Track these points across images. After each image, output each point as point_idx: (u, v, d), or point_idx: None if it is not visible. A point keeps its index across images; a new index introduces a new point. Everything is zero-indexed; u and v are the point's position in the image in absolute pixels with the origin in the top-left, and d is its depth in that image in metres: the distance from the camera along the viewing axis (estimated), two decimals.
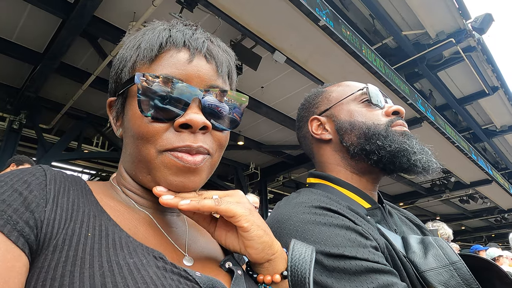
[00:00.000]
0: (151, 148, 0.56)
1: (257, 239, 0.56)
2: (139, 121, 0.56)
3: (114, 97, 0.64)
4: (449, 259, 0.74)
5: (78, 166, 9.36)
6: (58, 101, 6.42)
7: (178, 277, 0.49)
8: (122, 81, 0.61)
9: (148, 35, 0.61)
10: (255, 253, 0.57)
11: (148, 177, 0.58)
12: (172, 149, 0.55)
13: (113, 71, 0.65)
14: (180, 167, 0.55)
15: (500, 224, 14.74)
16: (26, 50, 5.20)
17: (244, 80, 5.61)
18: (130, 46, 0.62)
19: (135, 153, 0.58)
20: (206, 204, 0.54)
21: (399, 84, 5.72)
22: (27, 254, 0.43)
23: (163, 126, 0.56)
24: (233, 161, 9.47)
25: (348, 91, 0.98)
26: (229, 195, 0.59)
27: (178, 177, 0.56)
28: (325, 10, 4.29)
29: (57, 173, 0.54)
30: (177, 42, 0.59)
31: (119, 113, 0.63)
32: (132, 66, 0.60)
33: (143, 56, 0.59)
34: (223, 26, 4.58)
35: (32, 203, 0.46)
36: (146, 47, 0.59)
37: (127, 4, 4.46)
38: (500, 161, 12.23)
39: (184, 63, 0.58)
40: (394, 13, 6.72)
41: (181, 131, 0.56)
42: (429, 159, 0.86)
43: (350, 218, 0.77)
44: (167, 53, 0.59)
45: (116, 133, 0.65)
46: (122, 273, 0.44)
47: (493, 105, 9.17)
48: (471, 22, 6.81)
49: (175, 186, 0.56)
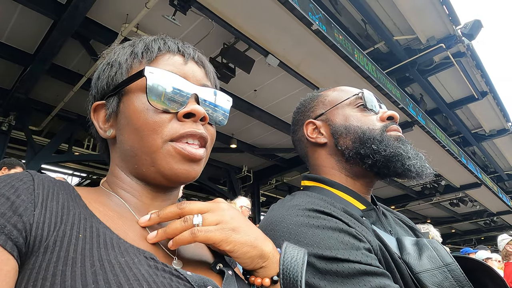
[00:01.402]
0: (157, 138, 0.58)
1: (243, 256, 0.57)
2: (145, 113, 0.59)
3: (101, 100, 0.66)
4: (443, 260, 0.75)
5: (68, 168, 9.24)
6: (49, 102, 6.34)
7: (170, 275, 0.50)
8: (117, 81, 0.63)
9: (140, 43, 0.66)
10: (245, 265, 0.58)
11: (152, 169, 0.60)
12: (178, 137, 0.59)
13: (103, 76, 0.66)
14: (185, 156, 0.59)
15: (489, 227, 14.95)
16: (16, 51, 5.14)
17: (237, 83, 5.61)
18: (123, 52, 0.66)
19: (138, 146, 0.59)
20: (184, 239, 0.54)
21: (390, 89, 5.78)
22: (16, 257, 0.43)
23: (168, 117, 0.60)
24: (226, 164, 9.45)
25: (344, 96, 0.99)
26: (211, 209, 0.58)
27: (183, 165, 0.59)
28: (318, 15, 4.33)
29: (45, 178, 0.54)
30: (171, 48, 0.65)
31: (112, 113, 0.64)
32: (129, 67, 0.64)
33: (141, 57, 0.63)
34: (216, 29, 4.59)
35: (20, 207, 0.46)
36: (143, 50, 0.64)
37: (120, 6, 4.43)
38: (489, 164, 12.43)
39: (181, 64, 0.64)
40: (385, 18, 6.81)
41: (184, 121, 0.60)
42: (423, 164, 0.87)
43: (344, 220, 0.77)
44: (164, 56, 0.64)
45: (104, 135, 0.65)
46: (114, 271, 0.45)
47: (482, 110, 9.33)
48: (461, 28, 6.94)
49: (180, 174, 0.59)
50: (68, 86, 5.61)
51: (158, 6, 4.04)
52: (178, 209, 0.57)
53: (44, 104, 6.37)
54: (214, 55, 5.14)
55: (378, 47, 7.35)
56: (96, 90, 0.67)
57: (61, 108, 6.15)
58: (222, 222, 0.56)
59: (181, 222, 0.55)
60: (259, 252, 0.58)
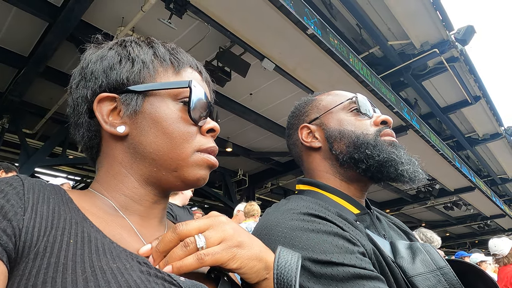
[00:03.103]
0: (189, 147, 0.63)
1: (250, 271, 0.56)
2: (178, 122, 0.63)
3: (112, 93, 0.62)
4: (436, 264, 0.75)
5: (62, 172, 9.17)
6: (43, 105, 6.29)
7: (162, 281, 0.49)
8: (144, 80, 0.63)
9: (159, 47, 0.67)
10: (251, 279, 0.57)
11: (174, 174, 0.63)
12: (204, 149, 0.65)
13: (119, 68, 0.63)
14: (209, 164, 0.66)
15: (483, 230, 15.06)
16: (10, 53, 5.10)
17: (233, 87, 5.62)
18: (142, 51, 0.65)
19: (166, 151, 0.62)
20: (190, 265, 0.51)
21: (385, 93, 5.83)
22: (5, 262, 0.43)
23: (196, 129, 0.65)
24: (221, 167, 9.43)
25: (338, 100, 0.99)
26: (211, 226, 0.55)
27: (204, 171, 0.65)
28: (313, 19, 4.36)
29: (36, 182, 0.53)
30: (192, 64, 0.70)
31: (131, 110, 0.61)
32: (155, 69, 0.65)
33: (169, 64, 0.66)
34: (212, 33, 4.60)
35: (9, 212, 0.45)
36: (170, 56, 0.67)
37: (116, 9, 4.43)
38: (483, 168, 12.54)
39: (201, 80, 0.70)
40: (380, 23, 6.88)
41: (206, 136, 0.67)
42: (416, 169, 0.88)
43: (338, 224, 0.77)
44: (187, 69, 0.68)
45: (111, 130, 0.60)
46: (105, 277, 0.44)
47: (476, 114, 9.43)
48: (454, 33, 7.03)
49: (201, 180, 0.65)
50: (62, 89, 5.56)
51: (154, 9, 4.04)
52: (176, 234, 0.53)
53: (38, 106, 6.33)
54: (210, 59, 5.15)
55: (373, 51, 7.41)
56: (107, 80, 0.62)
57: (55, 111, 6.11)
58: (226, 239, 0.54)
59: (181, 247, 0.52)
60: (264, 264, 0.58)
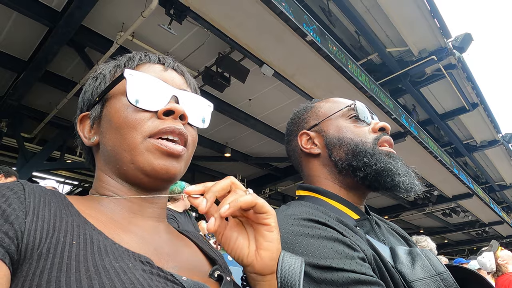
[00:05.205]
0: (137, 134, 0.60)
1: (276, 242, 0.56)
2: (125, 112, 0.61)
3: (87, 111, 0.68)
4: (436, 269, 0.76)
5: (60, 176, 9.14)
6: (42, 109, 6.29)
7: (165, 280, 0.49)
8: (100, 90, 0.66)
9: (123, 57, 0.70)
10: (269, 257, 0.55)
11: (132, 166, 0.60)
12: (157, 133, 0.60)
13: (88, 89, 0.70)
14: (163, 151, 0.59)
15: (481, 237, 15.03)
16: (10, 57, 5.11)
17: (232, 93, 5.64)
18: (107, 66, 0.70)
19: (119, 144, 0.61)
20: (248, 200, 0.52)
21: (383, 99, 5.86)
22: (8, 264, 0.43)
23: (148, 115, 0.61)
24: (220, 173, 9.42)
25: (336, 107, 1.00)
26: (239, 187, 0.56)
27: (162, 160, 0.59)
28: (312, 26, 4.40)
29: (36, 187, 0.54)
30: (152, 58, 0.69)
31: (96, 119, 0.66)
32: (112, 76, 0.67)
33: (123, 67, 0.67)
34: (212, 39, 4.63)
35: (11, 215, 0.46)
36: (126, 60, 0.68)
37: (116, 14, 4.45)
38: (481, 175, 12.57)
39: (161, 70, 0.67)
40: (378, 30, 6.94)
41: (164, 119, 0.61)
42: (412, 181, 0.88)
43: (338, 230, 0.78)
44: (145, 65, 0.67)
45: (88, 142, 0.66)
46: (109, 275, 0.45)
47: (473, 121, 9.48)
48: (452, 41, 7.10)
49: (159, 170, 0.59)
50: (61, 93, 5.58)
51: (154, 15, 4.06)
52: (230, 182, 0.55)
53: (37, 111, 6.32)
54: (209, 64, 5.18)
55: (371, 58, 7.47)
56: (83, 103, 0.70)
57: (54, 115, 6.10)
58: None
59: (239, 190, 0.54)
60: (278, 254, 0.58)
